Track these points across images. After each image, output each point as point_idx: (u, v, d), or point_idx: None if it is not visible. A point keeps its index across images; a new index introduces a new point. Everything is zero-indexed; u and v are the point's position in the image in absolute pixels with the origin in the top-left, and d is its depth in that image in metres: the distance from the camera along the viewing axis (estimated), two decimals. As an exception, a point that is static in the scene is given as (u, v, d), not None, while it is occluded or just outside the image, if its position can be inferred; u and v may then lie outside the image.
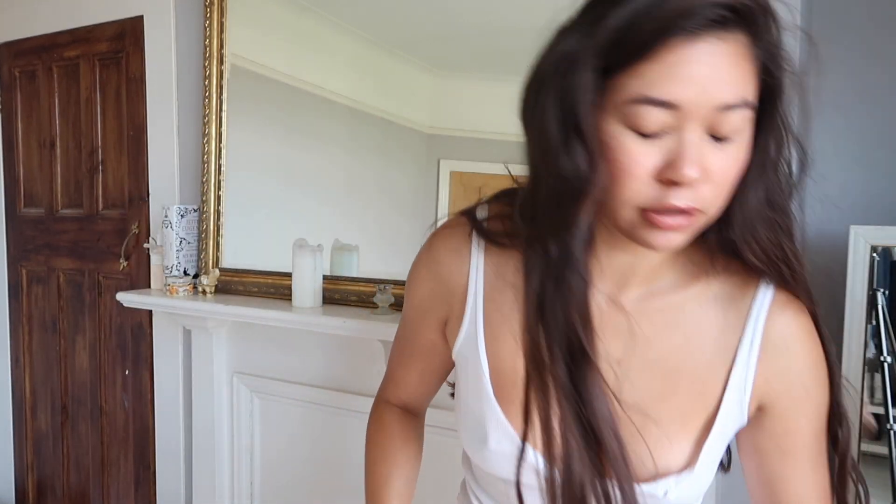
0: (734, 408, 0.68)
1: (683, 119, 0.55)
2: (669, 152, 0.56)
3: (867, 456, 1.29)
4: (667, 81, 0.54)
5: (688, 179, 0.55)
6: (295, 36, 1.87)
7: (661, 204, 0.56)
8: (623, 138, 0.56)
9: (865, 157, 1.45)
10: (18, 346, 2.60)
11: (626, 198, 0.58)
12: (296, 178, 1.90)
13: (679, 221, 0.57)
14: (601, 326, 0.66)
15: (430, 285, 0.77)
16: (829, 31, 1.46)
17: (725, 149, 0.57)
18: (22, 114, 2.52)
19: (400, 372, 0.89)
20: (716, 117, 0.55)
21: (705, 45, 0.53)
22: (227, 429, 1.94)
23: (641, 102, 0.54)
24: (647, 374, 0.67)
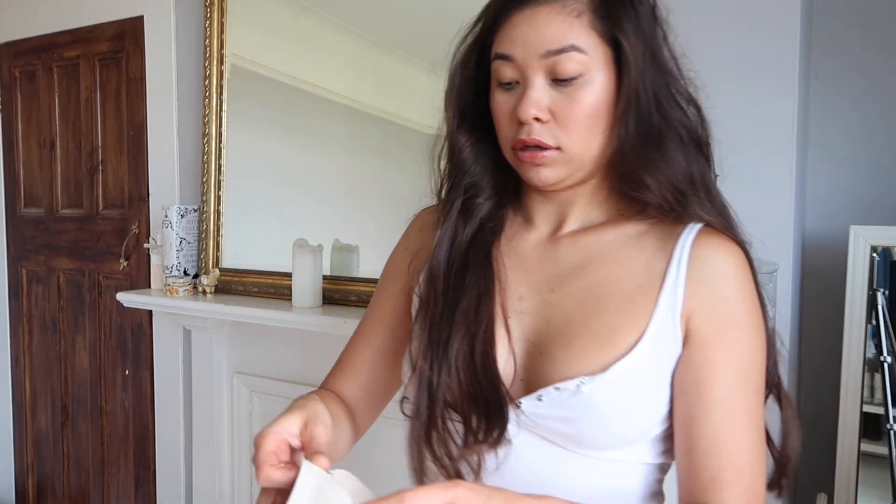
0: (666, 325, 0.70)
1: (523, 69, 0.70)
2: (517, 98, 0.71)
3: (867, 456, 1.29)
4: (503, 41, 0.71)
5: (524, 117, 0.69)
6: (295, 36, 1.87)
7: (517, 140, 0.71)
8: (496, 93, 0.73)
9: (865, 157, 1.45)
10: (18, 346, 2.60)
11: (503, 138, 0.74)
12: (296, 178, 1.90)
13: (536, 157, 0.70)
14: (539, 260, 0.77)
15: (404, 247, 0.87)
16: (829, 32, 1.46)
17: (568, 91, 0.69)
18: (22, 114, 2.52)
19: (349, 356, 0.87)
20: (548, 64, 0.69)
21: (526, 10, 0.70)
22: (227, 429, 1.94)
23: (494, 59, 0.72)
24: (578, 298, 0.73)
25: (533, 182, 0.73)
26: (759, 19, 1.31)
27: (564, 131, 0.70)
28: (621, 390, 0.68)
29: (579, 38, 0.69)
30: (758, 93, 1.31)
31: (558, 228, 0.78)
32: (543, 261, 0.77)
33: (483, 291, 0.74)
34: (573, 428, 0.69)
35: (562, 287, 0.74)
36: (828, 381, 1.42)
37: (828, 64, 1.47)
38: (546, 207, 0.79)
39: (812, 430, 1.50)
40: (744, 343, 0.70)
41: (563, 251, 0.77)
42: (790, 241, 1.31)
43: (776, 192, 1.31)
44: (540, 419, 0.70)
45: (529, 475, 0.72)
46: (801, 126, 1.35)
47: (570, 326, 0.72)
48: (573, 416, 0.68)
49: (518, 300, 0.75)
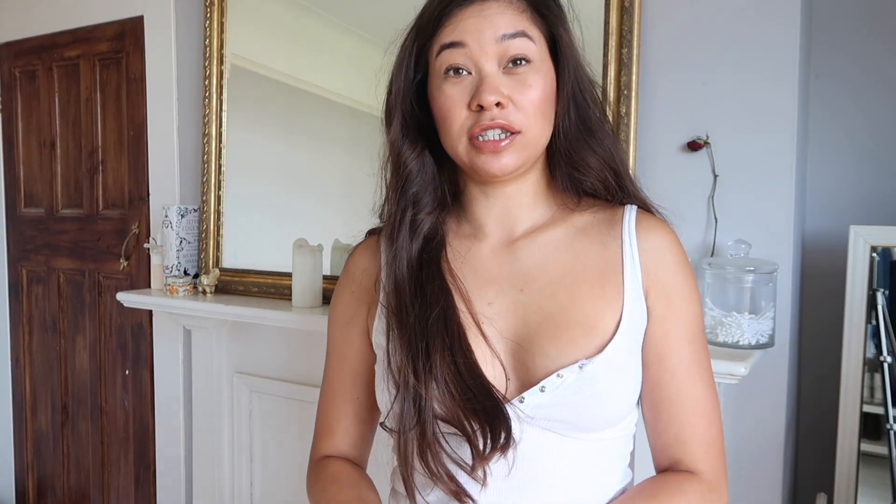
0: (636, 304, 0.76)
1: (475, 56, 0.73)
2: (473, 86, 0.73)
3: (867, 456, 1.29)
4: (452, 32, 0.74)
5: (487, 102, 0.71)
6: (295, 36, 1.87)
7: (479, 125, 0.72)
8: (443, 86, 0.75)
9: (865, 157, 1.45)
10: (18, 346, 2.60)
11: (455, 131, 0.74)
12: (296, 178, 1.90)
13: (497, 143, 0.72)
14: (499, 265, 0.79)
15: (350, 290, 0.87)
16: (829, 32, 1.46)
17: (519, 77, 0.73)
18: (22, 114, 2.52)
19: (333, 416, 0.87)
20: (499, 49, 0.72)
21: (474, 6, 0.74)
22: (227, 429, 1.94)
23: (442, 49, 0.74)
24: (550, 292, 0.76)
25: (491, 172, 0.74)
26: (760, 18, 1.31)
27: (524, 115, 0.73)
28: (615, 369, 0.73)
29: (528, 28, 0.74)
30: (758, 92, 1.31)
31: (510, 233, 0.81)
32: (503, 265, 0.79)
33: (445, 305, 0.76)
34: (573, 412, 0.72)
35: (529, 286, 0.77)
36: (828, 381, 1.42)
37: (828, 63, 1.47)
38: (494, 213, 0.81)
39: (812, 430, 1.51)
40: (691, 310, 0.78)
41: (521, 253, 0.79)
42: (790, 241, 1.31)
43: (776, 192, 1.31)
44: (541, 409, 0.72)
45: (529, 466, 0.73)
46: (801, 125, 1.35)
47: (551, 320, 0.75)
48: (575, 400, 0.71)
49: (487, 305, 0.77)
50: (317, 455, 0.88)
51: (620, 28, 1.37)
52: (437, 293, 0.76)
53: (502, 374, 0.74)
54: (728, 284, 1.26)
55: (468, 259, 0.80)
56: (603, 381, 0.72)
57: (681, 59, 1.37)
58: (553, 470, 0.73)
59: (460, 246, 0.82)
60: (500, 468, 0.72)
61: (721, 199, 1.34)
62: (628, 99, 1.37)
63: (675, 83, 1.38)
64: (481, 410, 0.70)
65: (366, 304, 0.85)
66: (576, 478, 0.74)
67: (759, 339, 1.24)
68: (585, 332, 0.74)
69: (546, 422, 0.72)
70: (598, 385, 0.71)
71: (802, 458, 1.53)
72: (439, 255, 0.80)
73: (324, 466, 0.85)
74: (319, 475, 0.84)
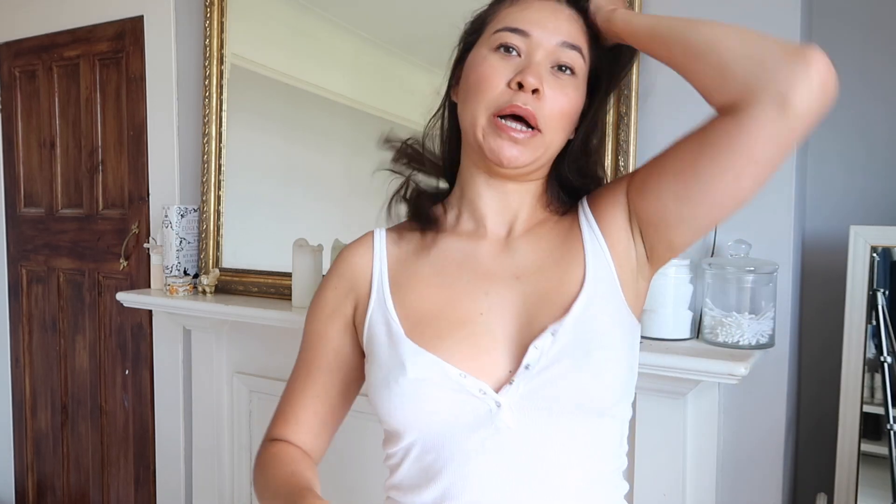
0: (597, 258, 0.78)
1: (532, 47, 0.75)
2: (519, 67, 0.74)
3: (867, 456, 1.29)
4: (520, 17, 0.76)
5: (528, 83, 0.72)
6: (295, 36, 1.87)
7: (510, 105, 0.73)
8: (490, 57, 0.76)
9: (865, 157, 1.45)
10: (18, 346, 2.60)
11: (486, 100, 0.74)
12: (296, 178, 1.90)
13: (518, 131, 0.73)
14: (495, 260, 0.80)
15: (334, 286, 0.85)
16: (828, 32, 1.46)
17: (561, 82, 0.75)
18: (22, 114, 2.52)
19: (292, 408, 0.87)
20: (556, 52, 0.75)
21: (552, 3, 0.77)
22: (227, 429, 1.94)
23: (502, 31, 0.76)
24: (543, 275, 0.79)
25: (500, 157, 0.75)
26: (759, 19, 1.31)
27: (549, 115, 0.74)
28: (589, 326, 0.73)
29: (584, 47, 0.78)
30: (758, 93, 1.31)
31: (509, 232, 0.83)
32: (501, 257, 0.81)
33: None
34: (561, 385, 0.71)
35: (525, 273, 0.79)
36: (828, 381, 1.42)
37: (828, 64, 1.47)
38: (496, 209, 0.82)
39: (812, 430, 1.50)
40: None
41: (518, 247, 0.81)
42: (790, 241, 1.31)
43: (776, 192, 1.31)
44: (532, 387, 0.71)
45: (524, 449, 0.73)
46: (801, 126, 1.35)
47: (544, 300, 0.77)
48: (558, 369, 0.71)
49: (484, 295, 0.78)
50: (267, 438, 0.88)
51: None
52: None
53: (503, 365, 0.73)
54: (728, 284, 1.26)
55: (468, 256, 0.81)
56: (580, 341, 0.72)
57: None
58: (546, 466, 0.73)
59: (458, 243, 0.83)
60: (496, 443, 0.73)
61: (721, 199, 1.34)
62: (628, 99, 1.37)
63: (675, 83, 1.38)
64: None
65: (352, 301, 0.84)
66: (569, 476, 0.74)
67: (760, 340, 1.24)
68: (560, 301, 0.76)
69: (541, 400, 0.72)
70: (577, 348, 0.72)
71: (802, 458, 1.53)
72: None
73: (268, 447, 0.85)
74: (262, 455, 0.84)
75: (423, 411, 0.73)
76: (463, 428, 0.73)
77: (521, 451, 0.73)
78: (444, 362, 0.73)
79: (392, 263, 0.84)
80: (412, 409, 0.73)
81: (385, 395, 0.74)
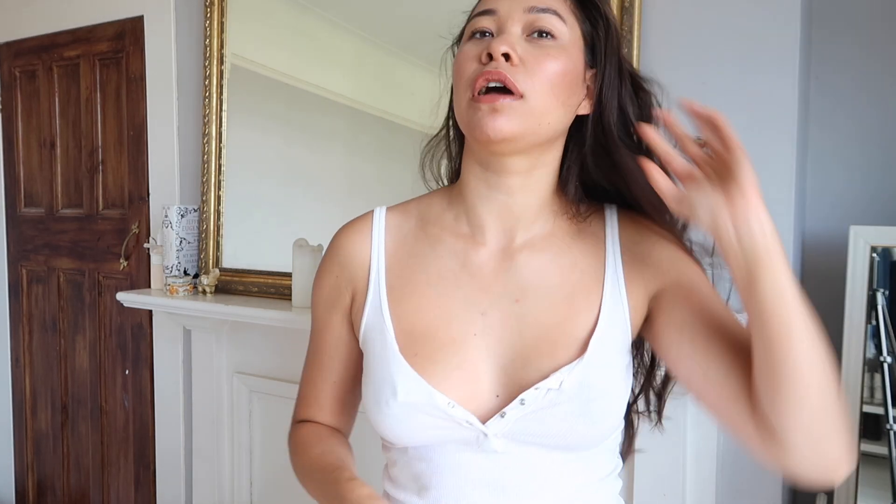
0: (615, 308, 0.73)
1: (502, 21, 0.71)
2: (487, 43, 0.71)
3: (867, 456, 1.29)
4: (486, 2, 0.74)
5: (494, 50, 0.68)
6: (295, 36, 1.87)
7: (481, 74, 0.69)
8: (465, 46, 0.74)
9: (865, 157, 1.45)
10: (18, 346, 2.60)
11: (462, 85, 0.71)
12: (296, 178, 1.90)
13: (494, 96, 0.68)
14: (495, 273, 0.76)
15: (335, 274, 0.82)
16: (828, 33, 1.46)
17: (542, 46, 0.70)
18: (22, 114, 2.52)
19: (311, 392, 0.87)
20: (527, 18, 0.71)
21: None
22: (227, 429, 1.94)
23: (473, 17, 0.74)
24: (545, 306, 0.74)
25: (485, 132, 0.68)
26: (760, 19, 1.31)
27: (530, 78, 0.69)
28: (589, 368, 0.70)
29: (560, 8, 0.72)
30: (758, 92, 1.31)
31: (510, 240, 0.77)
32: (500, 274, 0.76)
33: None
34: (555, 426, 0.70)
35: (526, 297, 0.74)
36: (828, 381, 1.42)
37: (828, 64, 1.47)
38: (495, 210, 0.77)
39: (812, 430, 1.51)
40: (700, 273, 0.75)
41: (519, 262, 0.76)
42: (790, 241, 1.31)
43: (776, 192, 1.31)
44: (523, 423, 0.70)
45: (514, 482, 0.73)
46: (801, 126, 1.35)
47: (547, 335, 0.72)
48: (554, 413, 0.69)
49: (480, 315, 0.74)
50: (294, 420, 0.89)
51: (620, 28, 1.37)
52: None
53: (490, 390, 0.72)
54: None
55: (466, 263, 0.77)
56: (583, 388, 0.69)
57: (681, 58, 1.37)
58: (534, 483, 0.73)
59: (456, 245, 0.78)
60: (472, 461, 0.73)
61: (721, 199, 1.34)
62: None
63: (674, 83, 1.38)
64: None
65: (350, 291, 0.81)
66: (563, 493, 0.73)
67: (759, 339, 1.24)
68: (564, 342, 0.72)
69: (531, 437, 0.71)
70: (579, 396, 0.69)
71: (802, 458, 1.53)
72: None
73: (297, 430, 0.86)
74: (293, 439, 0.85)
75: (413, 432, 0.73)
76: (451, 448, 0.74)
77: (508, 471, 0.73)
78: (434, 389, 0.71)
79: (390, 256, 0.80)
80: (402, 429, 0.73)
81: (376, 412, 0.74)
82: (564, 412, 0.69)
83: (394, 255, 0.80)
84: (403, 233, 0.81)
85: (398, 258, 0.79)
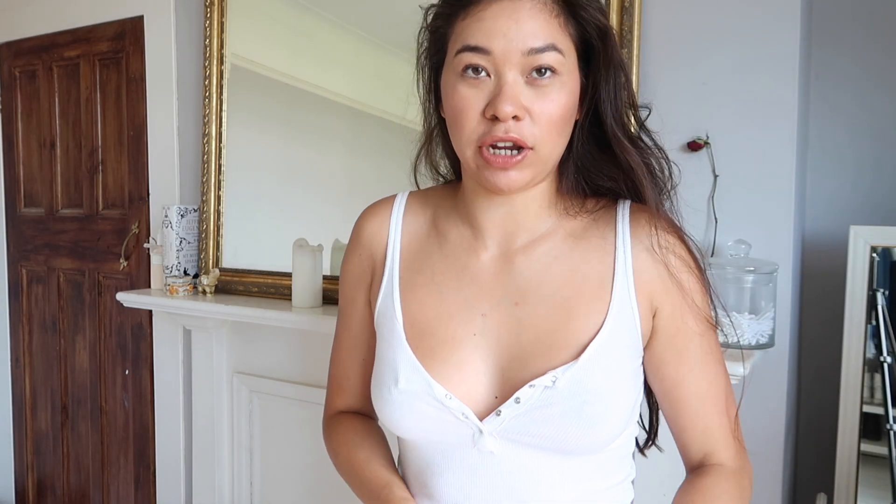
0: (624, 313, 0.73)
1: (498, 64, 0.67)
2: (490, 93, 0.67)
3: (867, 456, 1.29)
4: (477, 32, 0.67)
5: (503, 114, 0.66)
6: (295, 36, 1.87)
7: (490, 137, 0.67)
8: (459, 86, 0.69)
9: (865, 157, 1.45)
10: (18, 346, 2.60)
11: (465, 137, 0.69)
12: (296, 178, 1.90)
13: (508, 158, 0.67)
14: (496, 275, 0.76)
15: (358, 253, 0.85)
16: (828, 33, 1.46)
17: (543, 91, 0.67)
18: (22, 114, 2.52)
19: (342, 373, 0.88)
20: (527, 61, 0.66)
21: (505, 1, 0.67)
22: (227, 429, 1.94)
23: (462, 51, 0.68)
24: (544, 310, 0.74)
25: (497, 187, 0.69)
26: (760, 19, 1.31)
27: (539, 129, 0.67)
28: (584, 371, 0.70)
29: (558, 38, 0.68)
30: (758, 92, 1.31)
31: (510, 243, 0.77)
32: (500, 276, 0.76)
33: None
34: (550, 427, 0.70)
35: (525, 300, 0.75)
36: (828, 381, 1.42)
37: (828, 63, 1.47)
38: (497, 219, 0.77)
39: (812, 430, 1.50)
40: (699, 301, 0.75)
41: (519, 264, 0.76)
42: (790, 241, 1.31)
43: (776, 192, 1.31)
44: (518, 423, 0.71)
45: (510, 482, 0.73)
46: (801, 125, 1.35)
47: (544, 338, 0.73)
48: (550, 413, 0.70)
49: (481, 317, 0.75)
50: (330, 411, 0.90)
51: (620, 28, 1.37)
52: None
53: (488, 391, 0.73)
54: (728, 284, 1.26)
55: (468, 264, 0.78)
56: (580, 392, 0.69)
57: (681, 59, 1.37)
58: (535, 488, 0.73)
59: (460, 246, 0.79)
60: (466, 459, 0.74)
61: (721, 199, 1.34)
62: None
63: (674, 83, 1.38)
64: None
65: (370, 271, 0.84)
66: (561, 497, 0.73)
67: (760, 340, 1.24)
68: (565, 344, 0.72)
69: (527, 437, 0.71)
70: (574, 398, 0.69)
71: (802, 458, 1.53)
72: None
73: (335, 425, 0.87)
74: (331, 435, 0.87)
75: (412, 422, 0.74)
76: (449, 446, 0.75)
77: (507, 475, 0.73)
78: (433, 380, 0.73)
79: (405, 246, 0.81)
80: (402, 418, 0.75)
81: (378, 398, 0.76)
82: (558, 413, 0.69)
83: (407, 245, 0.82)
84: (418, 224, 0.83)
85: (410, 251, 0.81)
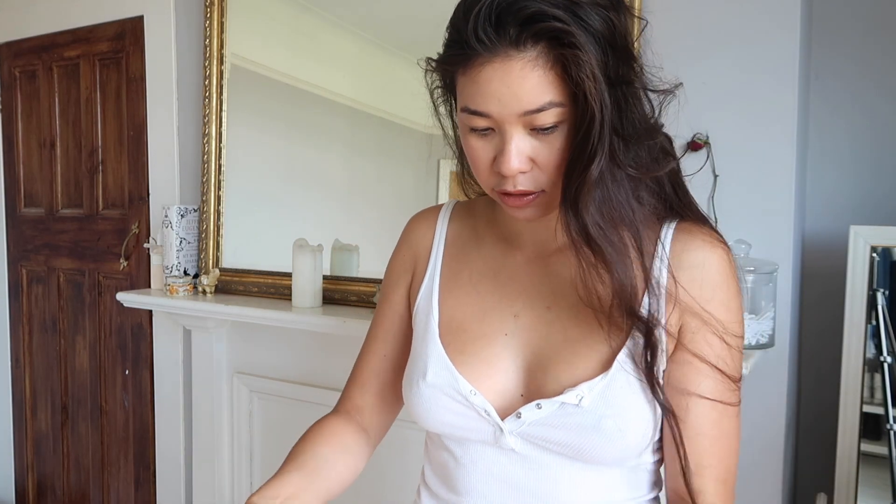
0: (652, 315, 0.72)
1: (499, 123, 0.66)
2: (496, 148, 0.68)
3: (867, 456, 1.29)
4: (475, 95, 0.66)
5: (509, 173, 0.67)
6: (295, 36, 1.87)
7: (500, 189, 0.69)
8: (468, 136, 0.70)
9: (865, 157, 1.45)
10: (18, 346, 2.60)
11: (482, 182, 0.72)
12: (296, 178, 1.90)
13: (520, 199, 0.69)
14: (530, 276, 0.78)
15: (403, 253, 0.89)
16: (828, 33, 1.47)
17: (548, 140, 0.66)
18: (22, 114, 2.52)
19: (361, 363, 0.90)
20: (526, 120, 0.65)
21: (498, 63, 0.63)
22: (227, 429, 1.94)
23: (464, 112, 0.68)
24: (574, 314, 0.74)
25: (517, 218, 0.74)
26: (760, 18, 1.31)
27: (546, 176, 0.68)
28: (611, 387, 0.70)
29: (555, 91, 0.64)
30: (758, 92, 1.32)
31: (545, 246, 0.79)
32: (535, 277, 0.78)
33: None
34: (569, 437, 0.71)
35: (558, 303, 0.76)
36: (828, 381, 1.42)
37: (828, 63, 1.47)
38: (531, 230, 0.79)
39: (812, 430, 1.51)
40: (721, 337, 0.72)
41: (554, 267, 0.77)
42: (790, 241, 1.31)
43: (776, 192, 1.31)
44: (538, 428, 0.71)
45: (530, 485, 0.74)
46: (801, 125, 1.35)
47: (570, 343, 0.73)
48: (568, 424, 0.70)
49: (513, 317, 0.77)
50: (338, 402, 0.92)
51: (620, 28, 1.37)
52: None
53: (515, 388, 0.74)
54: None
55: (505, 265, 0.80)
56: (599, 406, 0.69)
57: (681, 58, 1.37)
58: (555, 489, 0.73)
59: (497, 247, 0.82)
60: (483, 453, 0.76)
61: (721, 199, 1.34)
62: None
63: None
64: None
65: (411, 271, 0.87)
66: (585, 491, 0.73)
67: (760, 340, 1.24)
68: (600, 361, 0.71)
69: (545, 442, 0.72)
70: (594, 412, 0.69)
71: (802, 458, 1.53)
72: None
73: (321, 420, 0.89)
74: (319, 422, 0.89)
75: (438, 416, 0.76)
76: (471, 441, 0.77)
77: (528, 474, 0.74)
78: (459, 375, 0.75)
79: (448, 249, 0.85)
80: (427, 412, 0.77)
81: (408, 391, 0.79)
82: (577, 424, 0.70)
83: (450, 248, 0.85)
84: (462, 230, 0.86)
85: (452, 254, 0.85)
